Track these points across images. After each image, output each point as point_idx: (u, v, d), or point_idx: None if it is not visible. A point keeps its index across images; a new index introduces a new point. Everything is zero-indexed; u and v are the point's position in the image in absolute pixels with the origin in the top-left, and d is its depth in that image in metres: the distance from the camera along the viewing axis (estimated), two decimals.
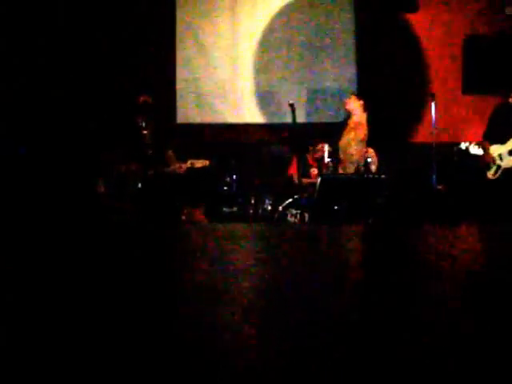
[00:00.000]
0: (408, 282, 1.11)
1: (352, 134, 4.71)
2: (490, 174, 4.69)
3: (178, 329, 0.74)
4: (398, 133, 6.03)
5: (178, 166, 4.77)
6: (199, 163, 4.82)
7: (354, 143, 4.68)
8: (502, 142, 4.68)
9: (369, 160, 4.45)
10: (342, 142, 4.76)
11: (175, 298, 0.98)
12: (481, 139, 4.91)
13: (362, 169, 4.50)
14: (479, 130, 5.13)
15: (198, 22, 6.39)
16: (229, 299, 0.92)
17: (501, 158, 4.67)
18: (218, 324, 0.75)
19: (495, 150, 4.71)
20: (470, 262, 1.49)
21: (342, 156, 4.74)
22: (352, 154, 4.65)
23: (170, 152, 4.87)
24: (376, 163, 4.48)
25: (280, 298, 0.94)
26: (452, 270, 1.28)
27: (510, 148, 4.64)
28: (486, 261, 1.50)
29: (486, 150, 4.75)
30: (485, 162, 4.74)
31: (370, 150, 4.55)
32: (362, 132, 4.68)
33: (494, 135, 4.74)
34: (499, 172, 4.66)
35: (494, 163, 4.69)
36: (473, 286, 1.08)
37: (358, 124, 4.75)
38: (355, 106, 4.82)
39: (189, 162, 4.80)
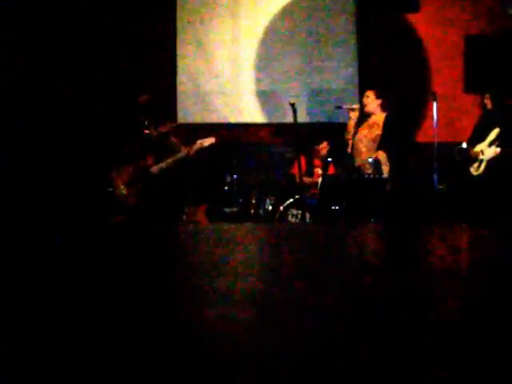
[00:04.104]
0: (409, 283, 1.10)
1: (365, 132, 4.67)
2: (473, 170, 4.88)
3: (182, 330, 0.74)
4: (400, 132, 6.02)
5: (186, 150, 4.74)
6: (207, 142, 4.81)
7: (366, 141, 4.63)
8: (483, 140, 4.93)
9: (370, 160, 4.40)
10: (356, 138, 4.70)
11: (176, 299, 0.97)
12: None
13: (369, 169, 4.44)
14: None
15: (199, 22, 6.40)
16: (232, 300, 0.91)
17: (482, 153, 4.90)
18: (224, 324, 0.75)
19: (477, 147, 4.96)
20: (470, 261, 1.48)
21: (353, 152, 4.68)
22: (361, 152, 4.62)
23: (173, 138, 4.84)
24: (387, 167, 4.41)
25: (283, 299, 0.94)
26: (453, 269, 1.27)
27: (488, 141, 4.87)
28: (487, 260, 1.49)
29: (469, 149, 5.04)
30: (469, 158, 4.92)
31: (381, 153, 4.47)
32: (375, 132, 4.63)
33: (477, 140, 5.00)
34: (482, 166, 4.85)
35: (477, 158, 4.91)
36: (473, 286, 1.07)
37: (374, 123, 4.69)
38: (374, 106, 4.71)
39: (198, 142, 4.78)
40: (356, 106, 4.79)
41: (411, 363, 0.58)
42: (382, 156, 4.45)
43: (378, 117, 4.69)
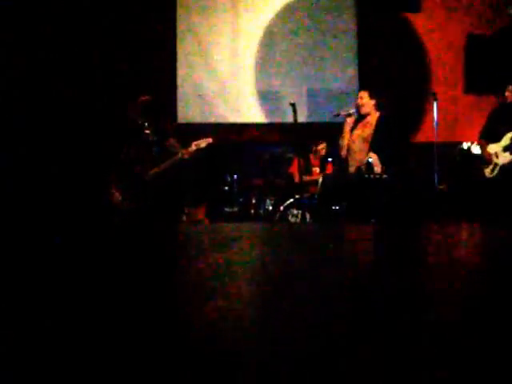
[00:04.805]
0: (409, 282, 1.10)
1: (359, 132, 4.65)
2: (487, 172, 4.71)
3: (182, 330, 0.74)
4: (394, 133, 6.01)
5: (181, 153, 4.67)
6: (203, 142, 4.74)
7: (358, 141, 4.61)
8: (497, 140, 4.68)
9: (370, 160, 4.37)
10: (350, 140, 4.67)
11: (177, 299, 0.97)
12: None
13: (364, 169, 4.42)
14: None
15: (199, 22, 6.40)
16: (232, 300, 0.91)
17: (497, 156, 4.66)
18: (224, 324, 0.75)
19: (491, 148, 4.70)
20: (471, 261, 1.48)
21: (348, 154, 4.65)
22: (355, 152, 4.60)
23: (172, 140, 4.80)
24: (379, 169, 4.37)
25: (283, 299, 0.94)
26: (453, 269, 1.27)
27: (504, 145, 4.63)
28: (487, 260, 1.49)
29: (483, 147, 4.77)
30: (483, 159, 4.74)
31: (372, 155, 4.45)
32: (368, 131, 4.61)
33: (490, 135, 4.74)
34: (496, 170, 4.66)
35: (491, 161, 4.68)
36: (473, 286, 1.07)
37: (368, 123, 4.67)
38: (370, 106, 4.66)
39: (193, 144, 4.71)
40: (352, 111, 4.77)
41: (411, 363, 0.58)
42: (373, 157, 4.42)
43: (373, 117, 4.67)
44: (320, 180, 4.50)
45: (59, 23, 5.86)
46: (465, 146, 5.02)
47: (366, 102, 4.65)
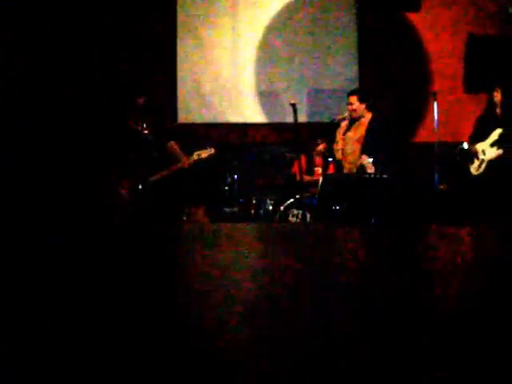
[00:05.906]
0: (409, 283, 1.10)
1: (351, 133, 4.64)
2: (474, 169, 4.81)
3: (182, 330, 0.74)
4: (400, 132, 6.01)
5: (183, 161, 4.69)
6: (205, 153, 4.76)
7: (351, 142, 4.61)
8: (485, 139, 4.82)
9: (369, 160, 4.35)
10: (344, 141, 4.66)
11: (177, 299, 0.97)
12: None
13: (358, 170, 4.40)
14: None
15: (199, 22, 6.40)
16: (232, 300, 0.91)
17: (484, 153, 4.77)
18: (224, 324, 0.74)
19: (478, 146, 4.84)
20: (471, 261, 1.48)
21: (341, 155, 4.64)
22: (348, 154, 4.59)
23: (173, 143, 4.80)
24: (372, 170, 4.34)
25: (283, 299, 0.94)
26: (453, 270, 1.27)
27: (490, 141, 4.75)
28: (487, 261, 1.49)
29: (469, 145, 4.94)
30: (468, 154, 4.87)
31: (364, 157, 4.42)
32: (360, 132, 4.60)
33: (478, 138, 4.88)
34: (483, 166, 4.77)
35: (477, 157, 4.80)
36: (473, 286, 1.07)
37: (360, 124, 4.65)
38: (361, 110, 4.63)
39: (195, 154, 4.74)
40: (346, 115, 4.75)
41: (411, 363, 0.58)
42: (364, 160, 4.39)
43: (365, 118, 4.65)
44: (320, 180, 4.50)
45: (59, 23, 5.86)
46: (465, 145, 5.03)
47: (357, 106, 4.63)
